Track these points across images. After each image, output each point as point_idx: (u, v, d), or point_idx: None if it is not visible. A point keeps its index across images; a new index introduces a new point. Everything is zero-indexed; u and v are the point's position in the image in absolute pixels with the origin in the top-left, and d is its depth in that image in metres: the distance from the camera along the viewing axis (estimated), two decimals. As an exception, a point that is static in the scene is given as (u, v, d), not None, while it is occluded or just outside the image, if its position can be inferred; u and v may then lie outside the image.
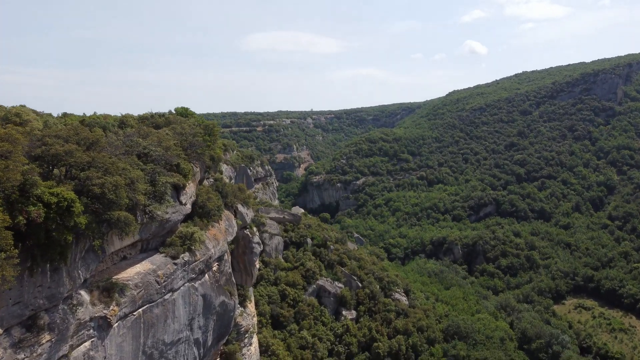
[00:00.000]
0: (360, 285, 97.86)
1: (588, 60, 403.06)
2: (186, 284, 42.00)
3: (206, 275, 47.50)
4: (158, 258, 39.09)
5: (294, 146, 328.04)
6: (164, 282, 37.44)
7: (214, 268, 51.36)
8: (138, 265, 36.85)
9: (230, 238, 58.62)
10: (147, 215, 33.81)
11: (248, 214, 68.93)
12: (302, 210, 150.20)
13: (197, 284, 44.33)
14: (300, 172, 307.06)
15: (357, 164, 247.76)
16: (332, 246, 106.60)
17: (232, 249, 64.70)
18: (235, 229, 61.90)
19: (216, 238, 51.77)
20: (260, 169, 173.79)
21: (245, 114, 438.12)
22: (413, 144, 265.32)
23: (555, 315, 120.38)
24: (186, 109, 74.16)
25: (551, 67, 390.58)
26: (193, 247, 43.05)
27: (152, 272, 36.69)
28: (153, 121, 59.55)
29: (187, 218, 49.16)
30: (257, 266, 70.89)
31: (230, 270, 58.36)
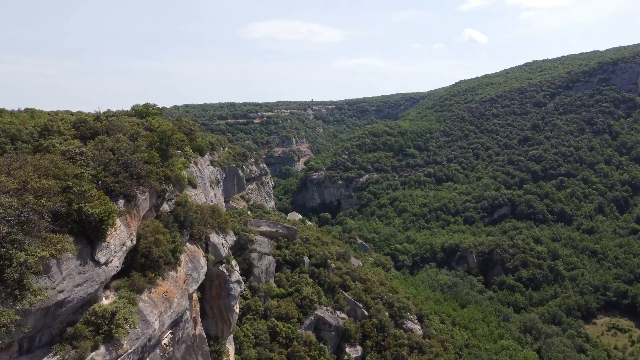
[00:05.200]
0: (366, 313, 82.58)
1: (602, 48, 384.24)
2: (101, 397, 26.59)
3: (147, 361, 32.14)
4: (43, 369, 23.61)
5: (293, 139, 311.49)
6: (44, 420, 21.97)
7: (165, 341, 35.95)
8: (-1, 392, 21.42)
9: (194, 287, 43.13)
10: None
11: (224, 243, 53.35)
12: (300, 217, 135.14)
13: (125, 386, 28.95)
14: (299, 166, 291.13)
15: (360, 159, 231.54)
16: (333, 264, 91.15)
17: (200, 296, 49.41)
18: (204, 270, 46.39)
19: (167, 297, 36.25)
20: (254, 167, 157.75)
21: (244, 104, 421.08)
22: (419, 137, 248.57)
23: (589, 340, 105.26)
24: (147, 107, 58.40)
25: (563, 56, 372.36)
26: (116, 335, 27.55)
27: (21, 407, 21.24)
28: (89, 127, 43.81)
29: (123, 273, 33.81)
30: (238, 310, 55.52)
31: (193, 331, 42.95)
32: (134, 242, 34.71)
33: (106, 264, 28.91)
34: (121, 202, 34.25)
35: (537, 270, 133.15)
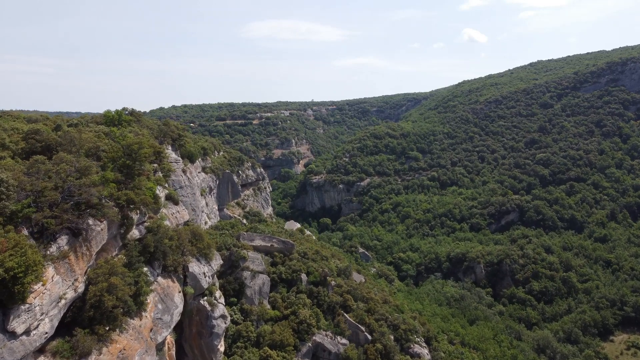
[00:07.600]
0: (369, 338, 75.23)
1: (605, 47, 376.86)
2: None
3: None
4: None
5: (293, 140, 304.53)
6: None
7: (121, 412, 28.62)
8: None
9: (165, 333, 35.83)
10: None
11: (207, 272, 46.08)
12: (298, 225, 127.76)
13: None
14: (299, 168, 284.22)
15: (361, 162, 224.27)
16: (332, 282, 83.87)
17: (176, 337, 42.08)
18: (180, 309, 39.10)
19: (125, 357, 28.92)
20: (250, 172, 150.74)
21: (243, 104, 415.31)
22: (423, 140, 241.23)
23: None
24: (120, 113, 50.94)
25: (569, 56, 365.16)
26: None
27: None
28: (42, 139, 36.49)
29: (69, 327, 26.58)
30: (223, 348, 48.24)
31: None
32: (80, 290, 27.44)
33: (27, 333, 21.65)
34: (63, 239, 26.96)
35: (549, 282, 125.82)
